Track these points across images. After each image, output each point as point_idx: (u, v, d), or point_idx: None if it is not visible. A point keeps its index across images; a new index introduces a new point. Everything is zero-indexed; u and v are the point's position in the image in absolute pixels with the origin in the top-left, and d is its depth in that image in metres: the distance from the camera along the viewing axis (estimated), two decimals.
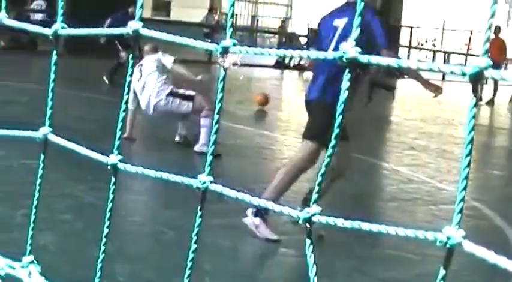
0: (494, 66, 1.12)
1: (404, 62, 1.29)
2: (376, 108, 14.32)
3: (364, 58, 1.24)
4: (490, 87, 19.39)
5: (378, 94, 14.82)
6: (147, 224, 5.86)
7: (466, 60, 30.78)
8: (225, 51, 1.43)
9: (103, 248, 1.78)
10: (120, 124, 1.73)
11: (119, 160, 1.69)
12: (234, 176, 7.25)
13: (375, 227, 1.28)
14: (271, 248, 5.49)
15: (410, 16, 32.68)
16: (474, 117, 1.15)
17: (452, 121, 14.68)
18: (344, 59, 1.25)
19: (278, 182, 5.57)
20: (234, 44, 1.42)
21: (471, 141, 1.17)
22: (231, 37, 1.44)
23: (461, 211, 1.19)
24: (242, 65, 1.54)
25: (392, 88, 16.75)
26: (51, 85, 1.85)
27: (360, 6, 1.27)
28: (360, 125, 11.68)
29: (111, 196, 1.74)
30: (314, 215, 1.34)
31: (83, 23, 2.26)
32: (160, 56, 8.94)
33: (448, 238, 1.16)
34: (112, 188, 1.74)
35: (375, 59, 1.27)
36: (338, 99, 1.28)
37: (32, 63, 17.90)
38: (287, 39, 30.11)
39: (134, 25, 1.58)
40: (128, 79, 1.69)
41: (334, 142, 1.35)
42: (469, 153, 1.17)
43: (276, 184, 5.57)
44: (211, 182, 1.51)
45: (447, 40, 39.70)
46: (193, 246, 1.57)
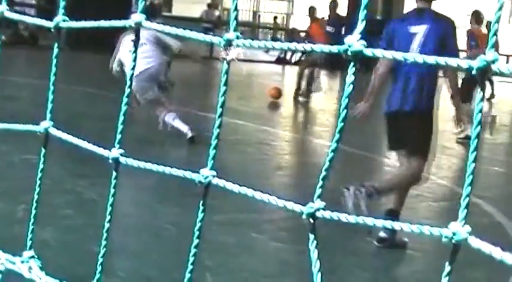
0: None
1: (409, 56, 1.28)
2: (375, 103, 14.24)
3: (369, 51, 1.23)
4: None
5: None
6: (148, 220, 5.85)
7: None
8: (229, 44, 1.41)
9: (104, 243, 1.77)
10: (122, 118, 1.72)
11: (121, 154, 1.68)
12: (235, 171, 7.24)
13: (380, 222, 1.26)
14: (272, 244, 5.48)
15: None
16: (481, 111, 1.13)
17: (453, 117, 14.58)
18: (349, 52, 1.24)
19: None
20: (238, 37, 1.41)
21: (477, 136, 1.15)
22: (235, 30, 1.42)
23: (467, 206, 1.17)
24: (244, 61, 1.52)
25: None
26: (52, 78, 1.84)
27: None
28: (360, 121, 11.66)
29: (112, 190, 1.72)
30: (318, 210, 1.33)
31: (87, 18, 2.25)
32: (157, 34, 8.92)
33: (454, 233, 1.15)
34: (113, 182, 1.72)
35: (379, 53, 1.26)
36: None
37: (33, 57, 17.87)
38: (286, 34, 30.19)
39: (136, 17, 1.56)
40: (130, 72, 1.68)
41: (338, 136, 1.33)
42: (476, 148, 1.16)
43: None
44: (213, 177, 1.50)
45: None
46: (195, 241, 1.56)
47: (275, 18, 34.64)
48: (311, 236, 1.34)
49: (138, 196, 6.46)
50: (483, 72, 1.12)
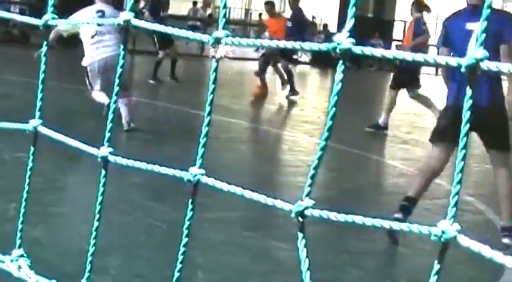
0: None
1: (398, 54, 1.28)
2: (368, 101, 14.29)
3: (357, 49, 1.22)
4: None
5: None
6: (139, 218, 5.84)
7: None
8: (217, 42, 1.41)
9: (93, 242, 1.76)
10: (111, 116, 1.71)
11: (110, 152, 1.68)
12: (226, 170, 7.23)
13: (369, 221, 1.26)
14: (263, 242, 5.48)
15: (404, 10, 32.66)
16: (470, 109, 1.13)
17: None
18: (338, 50, 1.23)
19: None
20: (227, 35, 1.40)
21: (466, 134, 1.15)
22: (224, 28, 1.42)
23: (456, 205, 1.17)
24: (234, 59, 1.52)
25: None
26: (41, 76, 1.84)
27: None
28: (352, 119, 11.68)
29: (101, 188, 1.72)
30: (307, 209, 1.33)
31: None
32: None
33: (443, 232, 1.15)
34: (103, 181, 1.72)
35: (368, 50, 1.25)
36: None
37: (24, 56, 17.81)
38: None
39: (125, 15, 1.56)
40: (119, 70, 1.68)
41: (327, 135, 1.33)
42: (465, 145, 1.16)
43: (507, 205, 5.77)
44: (202, 175, 1.49)
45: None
46: (184, 239, 1.56)
47: (260, 15, 34.51)
48: (300, 235, 1.34)
49: (129, 193, 6.44)
50: (472, 70, 1.12)
